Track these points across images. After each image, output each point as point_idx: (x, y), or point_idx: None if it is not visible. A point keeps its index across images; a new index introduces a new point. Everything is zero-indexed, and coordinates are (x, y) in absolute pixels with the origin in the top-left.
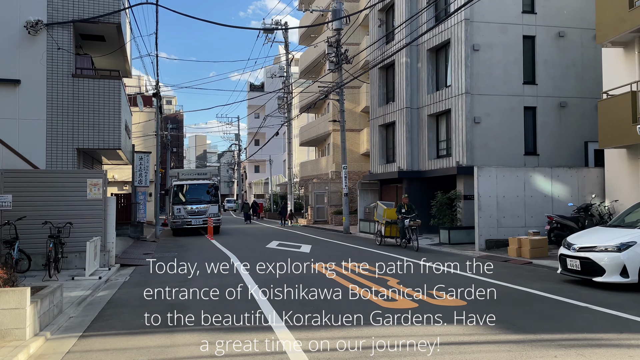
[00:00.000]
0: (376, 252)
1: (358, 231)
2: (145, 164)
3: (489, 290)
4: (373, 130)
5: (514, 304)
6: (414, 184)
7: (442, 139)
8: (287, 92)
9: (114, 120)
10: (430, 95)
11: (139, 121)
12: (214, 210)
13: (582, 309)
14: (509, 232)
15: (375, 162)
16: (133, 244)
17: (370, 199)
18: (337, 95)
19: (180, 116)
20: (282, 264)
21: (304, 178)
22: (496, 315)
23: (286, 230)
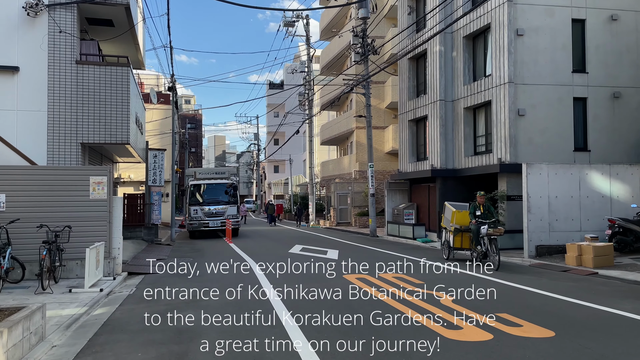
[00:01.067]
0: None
1: (386, 234)
2: (160, 162)
3: (573, 313)
4: (402, 125)
5: (616, 334)
6: (448, 183)
7: (480, 133)
8: (309, 88)
9: (122, 111)
10: (466, 86)
11: (155, 119)
12: (233, 211)
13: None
14: (562, 237)
15: (405, 160)
16: (146, 248)
17: (398, 199)
18: (363, 88)
19: (199, 116)
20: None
21: (325, 178)
22: (605, 354)
23: (308, 232)
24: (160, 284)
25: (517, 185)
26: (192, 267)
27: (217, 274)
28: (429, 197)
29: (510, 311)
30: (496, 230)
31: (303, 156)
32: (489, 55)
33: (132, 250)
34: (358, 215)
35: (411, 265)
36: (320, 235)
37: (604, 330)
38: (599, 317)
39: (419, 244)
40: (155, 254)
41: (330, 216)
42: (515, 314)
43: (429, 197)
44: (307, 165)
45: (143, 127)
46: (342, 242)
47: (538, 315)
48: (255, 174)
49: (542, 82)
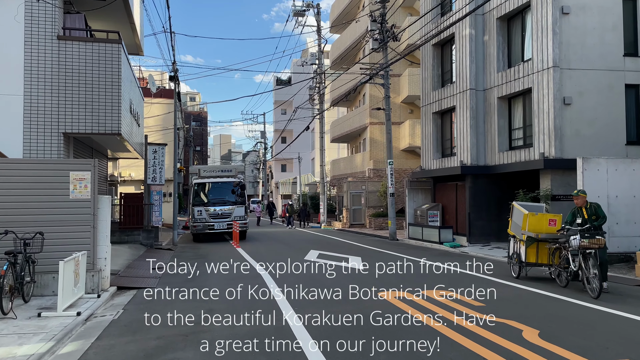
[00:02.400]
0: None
1: (407, 237)
2: (161, 158)
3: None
4: (425, 118)
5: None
6: (479, 181)
7: (516, 126)
8: (319, 82)
9: (112, 96)
10: (501, 73)
11: (157, 114)
12: (240, 212)
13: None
14: (623, 243)
15: (428, 157)
16: (144, 254)
17: (420, 199)
18: (382, 79)
19: (204, 113)
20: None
21: (335, 177)
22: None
23: (320, 235)
24: (153, 305)
25: (563, 184)
26: (194, 280)
27: (223, 289)
28: (457, 196)
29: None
30: (594, 242)
31: (311, 155)
32: (528, 37)
33: (127, 257)
34: (373, 216)
35: (461, 280)
36: (334, 238)
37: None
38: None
39: (447, 249)
40: (152, 262)
41: (343, 217)
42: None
43: (456, 196)
44: (316, 164)
45: (140, 118)
46: (360, 247)
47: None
48: (261, 173)
49: (590, 67)
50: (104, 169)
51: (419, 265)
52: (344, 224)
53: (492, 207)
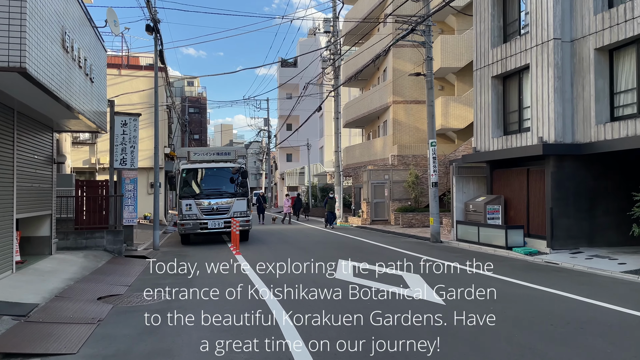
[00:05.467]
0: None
1: (453, 239)
2: (132, 133)
3: None
4: (480, 85)
5: None
6: (566, 165)
7: (622, 87)
8: (334, 53)
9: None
10: (601, 15)
11: (143, 88)
12: (241, 206)
13: None
14: None
15: (484, 135)
16: (103, 266)
17: (472, 190)
18: (422, 35)
19: (203, 99)
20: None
21: (349, 166)
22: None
23: (339, 235)
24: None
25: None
26: (160, 331)
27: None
28: (529, 186)
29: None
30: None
31: (320, 142)
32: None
33: (72, 272)
34: (399, 211)
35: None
36: (359, 239)
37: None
38: None
39: (522, 257)
40: (109, 282)
41: (362, 212)
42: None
43: (528, 186)
44: (325, 152)
45: (98, 73)
46: (401, 254)
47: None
48: (265, 164)
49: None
50: (46, 145)
51: (520, 294)
52: (363, 220)
53: (582, 200)
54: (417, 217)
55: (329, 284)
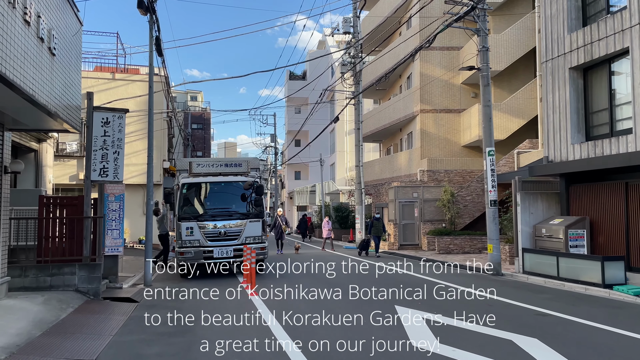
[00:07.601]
0: None
1: (519, 271)
2: (116, 135)
3: None
4: (552, 80)
5: None
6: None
7: None
8: (354, 56)
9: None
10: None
11: (140, 94)
12: (255, 230)
13: None
14: None
15: (559, 140)
16: (67, 319)
17: (541, 210)
18: (475, 21)
19: (207, 114)
20: None
21: (368, 183)
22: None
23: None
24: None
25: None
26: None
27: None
28: (628, 205)
29: None
30: None
31: (331, 159)
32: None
33: (13, 333)
34: (433, 234)
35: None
36: (400, 272)
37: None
38: None
39: (631, 298)
40: (64, 353)
41: (389, 235)
42: None
43: (627, 204)
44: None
45: (64, 47)
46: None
47: None
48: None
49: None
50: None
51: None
52: (390, 245)
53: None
54: (455, 241)
55: (407, 358)
